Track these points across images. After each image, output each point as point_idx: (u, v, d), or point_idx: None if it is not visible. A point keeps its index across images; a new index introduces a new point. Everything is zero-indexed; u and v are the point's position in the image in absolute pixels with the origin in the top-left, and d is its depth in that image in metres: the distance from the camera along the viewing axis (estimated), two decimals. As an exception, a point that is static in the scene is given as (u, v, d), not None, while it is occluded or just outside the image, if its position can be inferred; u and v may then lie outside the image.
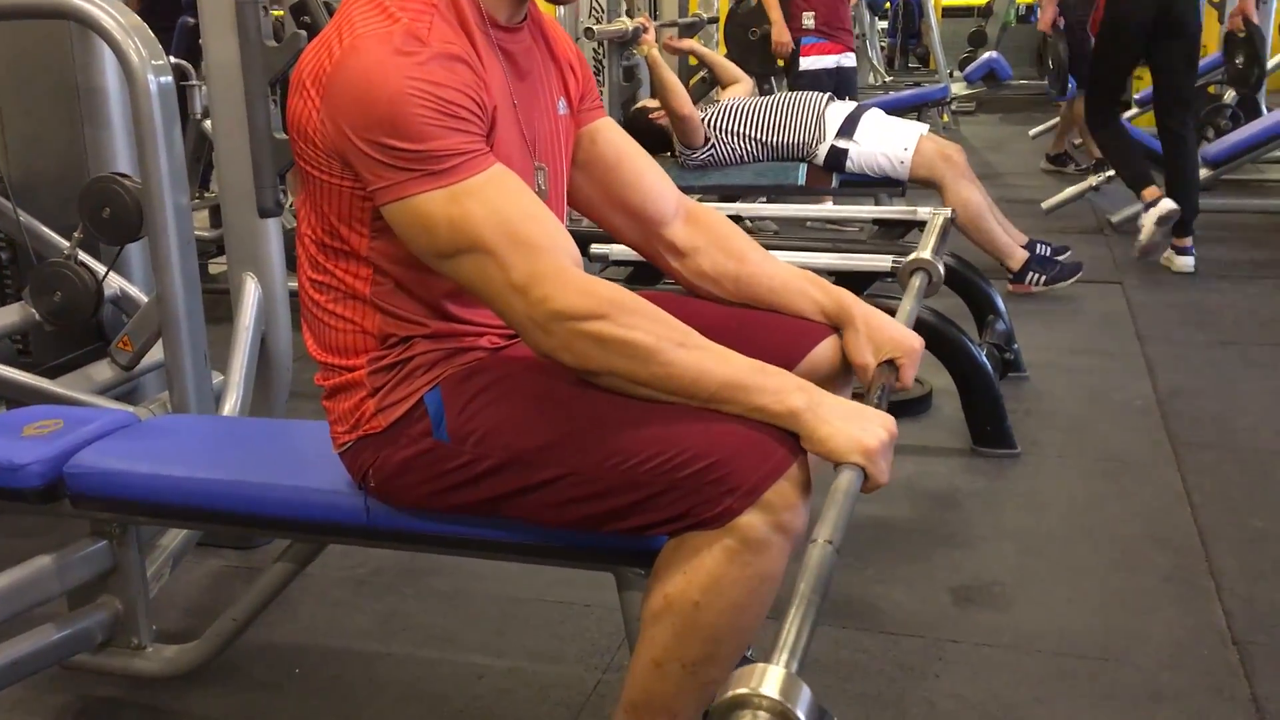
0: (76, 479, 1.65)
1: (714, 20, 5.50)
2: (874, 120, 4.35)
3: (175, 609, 2.15)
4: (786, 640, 0.96)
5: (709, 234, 1.65)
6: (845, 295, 1.61)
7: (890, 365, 1.52)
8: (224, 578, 2.28)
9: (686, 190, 4.43)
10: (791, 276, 1.64)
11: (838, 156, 4.29)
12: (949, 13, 12.03)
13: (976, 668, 1.94)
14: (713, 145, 4.35)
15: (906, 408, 3.11)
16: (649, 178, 1.63)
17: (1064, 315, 4.09)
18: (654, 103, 4.47)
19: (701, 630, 1.29)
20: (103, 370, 2.58)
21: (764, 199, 4.59)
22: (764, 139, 4.34)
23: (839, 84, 5.30)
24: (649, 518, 1.30)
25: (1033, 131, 7.61)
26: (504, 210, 1.29)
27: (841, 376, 1.59)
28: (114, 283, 2.81)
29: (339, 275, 1.42)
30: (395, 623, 2.10)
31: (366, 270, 1.40)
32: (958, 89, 8.54)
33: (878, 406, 1.39)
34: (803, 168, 4.37)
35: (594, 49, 3.94)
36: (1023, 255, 4.24)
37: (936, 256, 1.79)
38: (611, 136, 1.63)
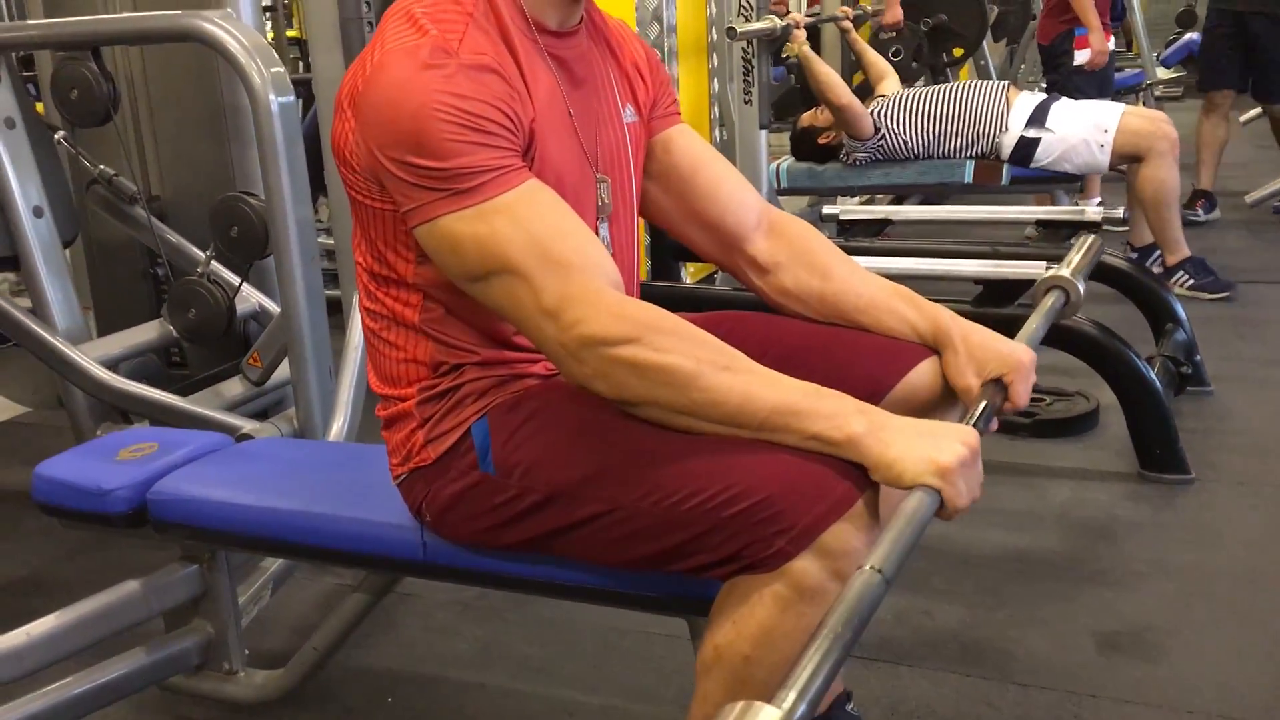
0: (158, 505, 1.64)
1: (880, 13, 5.27)
2: (1067, 105, 4.06)
3: (283, 629, 2.15)
4: (798, 678, 0.81)
5: (792, 248, 1.52)
6: (942, 313, 1.45)
7: (998, 384, 1.35)
8: (336, 596, 2.26)
9: (846, 190, 4.29)
10: (882, 293, 1.49)
11: (1026, 148, 3.99)
12: (1153, -8, 11.27)
13: (1116, 728, 1.74)
14: (883, 136, 4.14)
15: (1069, 426, 2.87)
16: (727, 187, 1.51)
17: (1259, 322, 3.72)
18: (822, 119, 4.30)
19: (754, 687, 1.17)
20: (234, 386, 2.63)
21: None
22: (942, 130, 4.09)
23: (1105, 76, 4.99)
24: (701, 559, 1.20)
25: (1244, 118, 7.01)
26: (535, 228, 1.20)
27: (944, 402, 1.44)
28: (253, 298, 2.86)
29: (388, 304, 1.36)
30: (494, 650, 2.04)
31: (416, 297, 1.34)
32: (1163, 73, 7.96)
33: (979, 430, 1.23)
34: (970, 164, 4.12)
35: (742, 49, 3.82)
36: (1185, 254, 3.98)
37: (1078, 276, 1.60)
38: (686, 144, 1.52)
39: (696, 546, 1.19)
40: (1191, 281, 3.96)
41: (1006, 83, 4.11)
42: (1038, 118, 3.94)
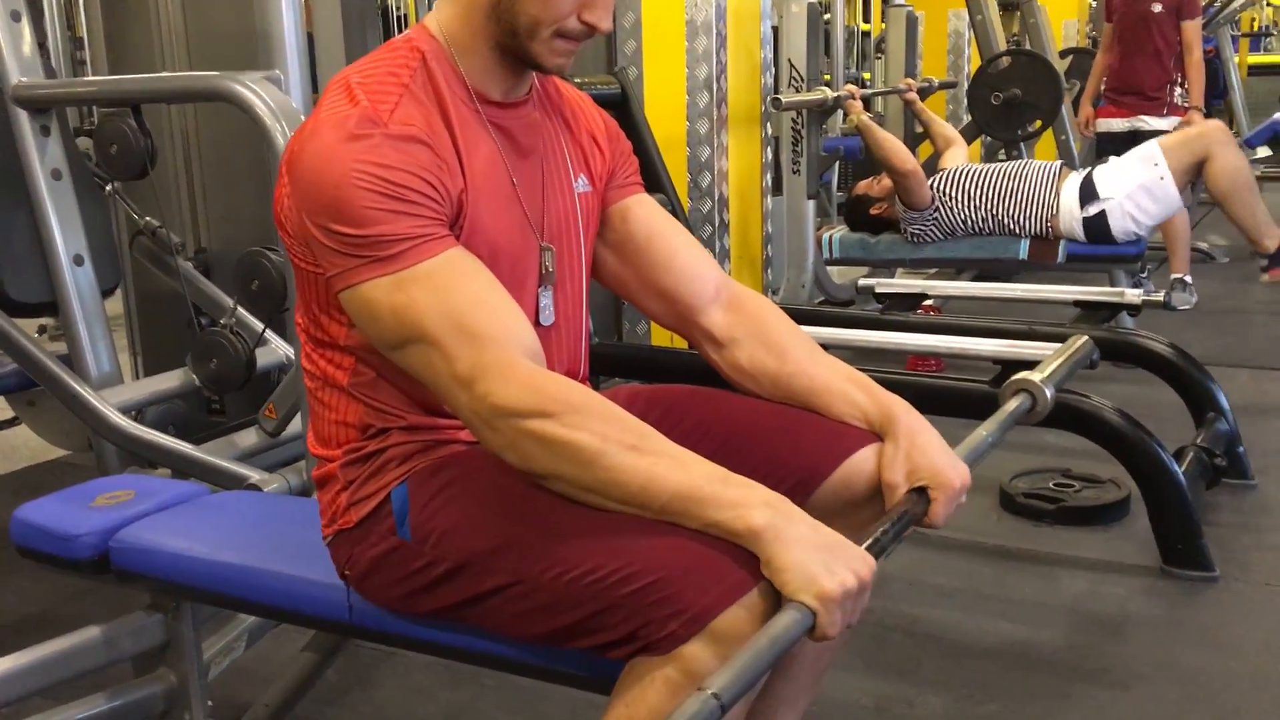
0: (118, 553, 1.67)
1: (949, 85, 5.24)
2: (1109, 167, 4.00)
3: (263, 681, 2.15)
4: None
5: (750, 324, 1.50)
6: (896, 404, 1.41)
7: (923, 494, 1.31)
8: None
9: (898, 263, 4.24)
10: (836, 378, 1.46)
11: (1099, 225, 3.91)
12: (1256, 70, 11.04)
13: (1085, 839, 1.65)
14: (938, 209, 4.09)
15: (1096, 514, 2.77)
16: (683, 257, 1.50)
17: (1325, 412, 3.56)
18: (877, 189, 4.28)
19: None
20: (249, 437, 2.67)
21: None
22: (993, 210, 4.04)
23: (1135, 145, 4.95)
24: (601, 638, 1.19)
25: None
26: (451, 298, 1.21)
27: (882, 492, 1.39)
28: (281, 349, 2.92)
29: (322, 365, 1.38)
30: (464, 716, 2.03)
31: (349, 360, 1.36)
32: (1264, 153, 7.75)
33: (886, 539, 1.19)
34: (1025, 242, 4.05)
35: (792, 120, 3.81)
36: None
37: (1050, 382, 1.51)
38: (643, 213, 1.52)
39: (595, 624, 1.18)
40: None
41: (1059, 164, 4.05)
42: (1087, 193, 3.87)
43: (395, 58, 1.32)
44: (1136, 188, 3.84)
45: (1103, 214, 3.87)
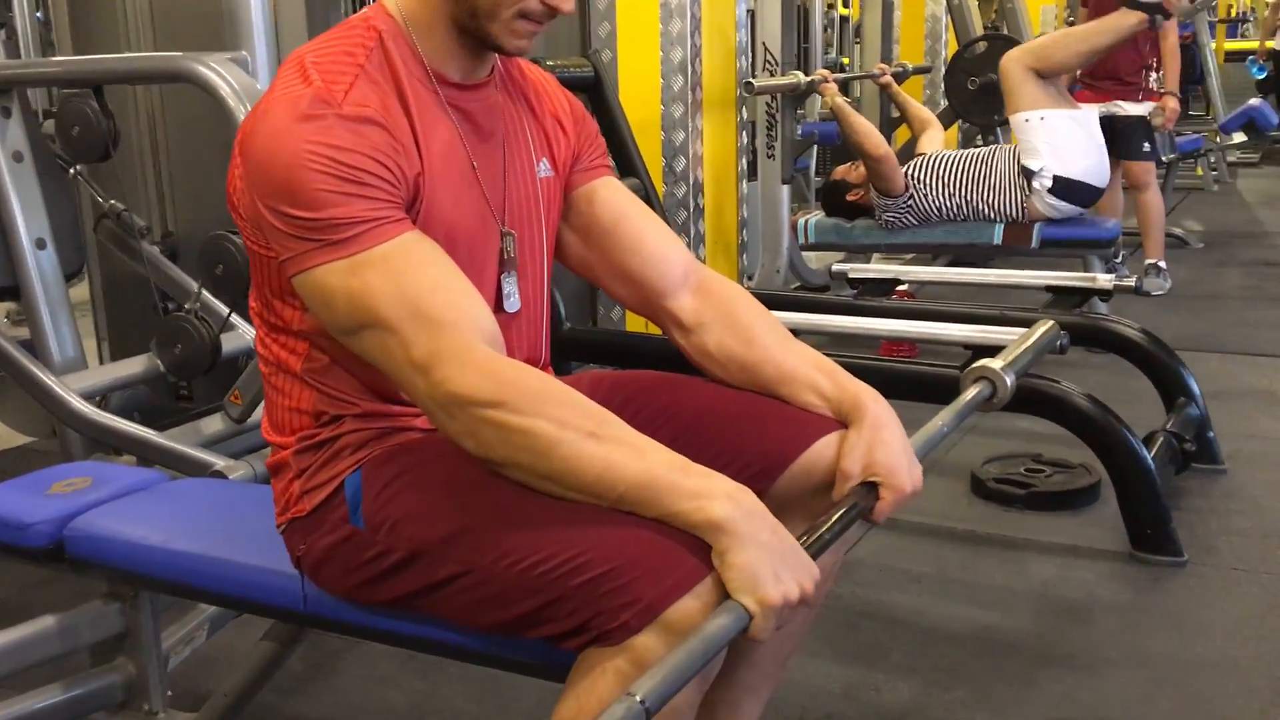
0: (73, 542, 1.64)
1: (923, 70, 5.21)
2: (1023, 149, 4.05)
3: (228, 670, 2.13)
4: None
5: (718, 309, 1.47)
6: (864, 393, 1.39)
7: (872, 489, 1.29)
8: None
9: (873, 248, 4.24)
10: (803, 365, 1.43)
11: (1066, 188, 3.94)
12: (1232, 57, 11.07)
13: (1049, 825, 1.65)
14: (911, 196, 4.08)
15: (1066, 499, 2.77)
16: (650, 240, 1.48)
17: (1293, 399, 3.57)
18: (855, 175, 4.27)
19: None
20: (214, 423, 2.65)
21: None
22: (969, 196, 4.03)
23: (1114, 132, 4.91)
24: (553, 628, 1.17)
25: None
26: (407, 282, 1.19)
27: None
28: (248, 335, 2.89)
29: (275, 350, 1.36)
30: (428, 705, 2.01)
31: (303, 346, 1.33)
32: (1240, 139, 7.79)
33: (830, 535, 1.18)
34: (999, 226, 4.05)
35: (766, 104, 3.79)
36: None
37: (1010, 369, 1.48)
38: (610, 196, 1.49)
39: (548, 614, 1.17)
40: None
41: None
42: (1026, 172, 3.91)
43: (351, 37, 1.29)
44: (1047, 145, 3.90)
45: (1056, 178, 3.90)
